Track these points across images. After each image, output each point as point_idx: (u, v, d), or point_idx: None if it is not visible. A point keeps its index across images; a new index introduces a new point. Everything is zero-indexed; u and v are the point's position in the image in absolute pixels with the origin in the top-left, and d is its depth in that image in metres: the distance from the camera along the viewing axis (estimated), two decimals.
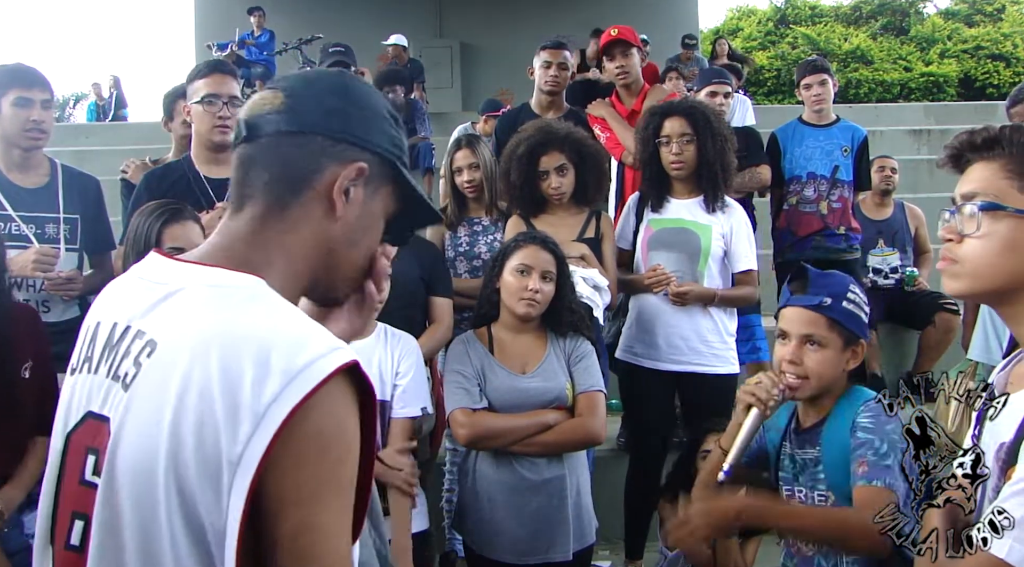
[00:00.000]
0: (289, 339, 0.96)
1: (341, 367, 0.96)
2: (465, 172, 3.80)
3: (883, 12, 23.45)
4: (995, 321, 3.49)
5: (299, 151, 1.09)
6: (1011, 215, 1.39)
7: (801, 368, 2.10)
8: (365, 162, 1.11)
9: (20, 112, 3.13)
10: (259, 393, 0.92)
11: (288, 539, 0.94)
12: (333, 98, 1.12)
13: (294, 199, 1.09)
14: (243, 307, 1.00)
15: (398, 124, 1.19)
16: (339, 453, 0.96)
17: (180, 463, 0.94)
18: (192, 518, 0.94)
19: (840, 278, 2.21)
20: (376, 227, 1.18)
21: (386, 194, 1.17)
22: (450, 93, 13.51)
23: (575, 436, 2.84)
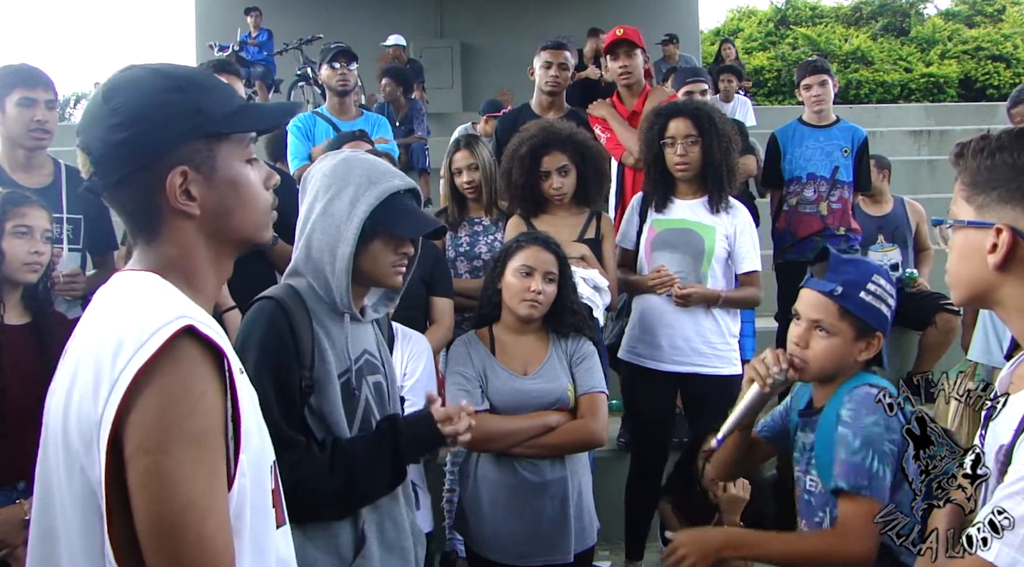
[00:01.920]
0: (143, 317, 1.12)
1: (177, 332, 1.10)
2: (464, 173, 3.80)
3: (883, 13, 23.44)
4: (995, 322, 3.49)
5: (131, 195, 1.23)
6: (958, 227, 1.47)
7: (805, 352, 2.08)
8: (181, 163, 1.21)
9: (24, 112, 3.14)
10: (115, 363, 1.09)
11: (138, 485, 1.08)
12: (115, 133, 1.20)
13: (159, 225, 1.24)
14: (121, 297, 1.20)
15: (183, 90, 1.22)
16: (186, 406, 1.10)
17: (69, 429, 1.14)
18: (81, 471, 1.13)
19: (863, 267, 2.15)
20: (239, 184, 1.28)
21: (225, 153, 1.26)
22: (450, 93, 13.53)
23: (577, 438, 2.83)
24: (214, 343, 1.14)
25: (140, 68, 1.26)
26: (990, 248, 1.40)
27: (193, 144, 1.22)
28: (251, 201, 1.29)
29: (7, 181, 3.17)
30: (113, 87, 1.23)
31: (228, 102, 1.27)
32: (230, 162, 1.26)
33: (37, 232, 2.70)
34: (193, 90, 1.24)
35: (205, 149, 1.23)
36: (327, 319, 1.91)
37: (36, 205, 2.75)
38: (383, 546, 1.93)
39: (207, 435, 1.11)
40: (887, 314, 2.10)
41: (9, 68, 3.20)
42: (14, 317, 2.68)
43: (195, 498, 1.09)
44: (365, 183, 1.90)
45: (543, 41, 4.62)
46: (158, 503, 1.08)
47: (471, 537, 2.89)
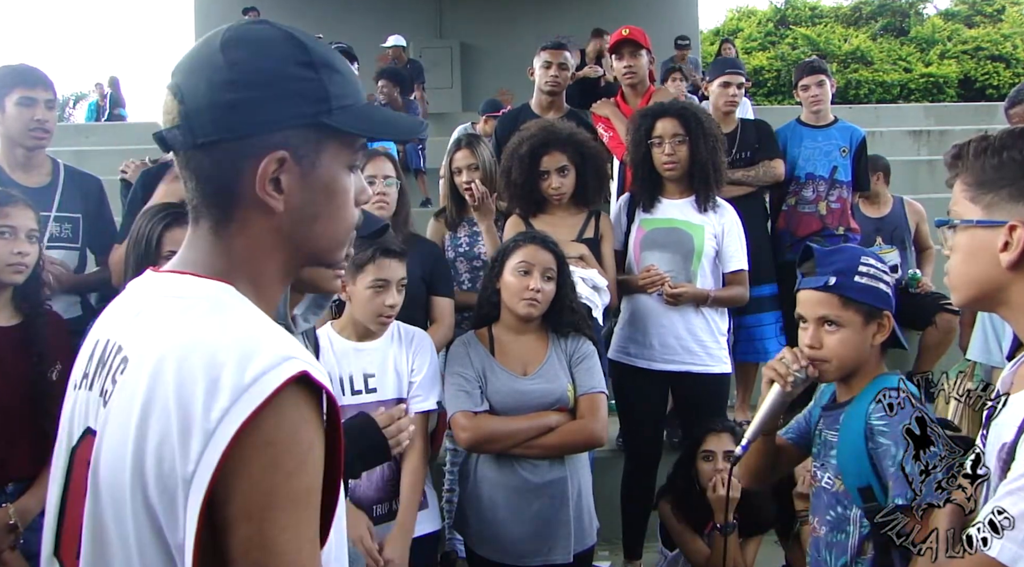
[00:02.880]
0: (239, 353, 0.94)
1: (289, 379, 0.94)
2: (464, 173, 3.79)
3: (883, 13, 23.47)
4: (994, 322, 3.49)
5: (211, 164, 1.04)
6: (964, 227, 1.47)
7: (822, 351, 2.04)
8: (282, 147, 1.04)
9: (24, 112, 3.14)
10: (209, 410, 0.91)
11: (239, 555, 0.93)
12: (222, 92, 1.02)
13: (231, 209, 1.06)
14: (201, 320, 1.00)
15: (315, 66, 1.06)
16: (292, 466, 0.94)
17: (144, 479, 0.95)
18: (158, 533, 0.95)
19: (849, 252, 2.13)
20: (335, 190, 1.10)
21: (332, 152, 1.08)
22: (450, 93, 13.53)
23: (577, 438, 2.83)
24: (324, 389, 0.98)
25: (272, 28, 1.09)
26: (1002, 246, 1.40)
27: (304, 131, 1.05)
28: (339, 212, 1.11)
29: (6, 180, 3.17)
30: (236, 39, 1.06)
31: (356, 96, 1.11)
32: (333, 163, 1.08)
33: (21, 232, 2.67)
34: (325, 71, 1.06)
35: (314, 140, 1.06)
36: None
37: (21, 205, 2.72)
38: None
39: (311, 493, 0.97)
40: (887, 291, 2.08)
41: (8, 68, 3.20)
42: (4, 318, 2.66)
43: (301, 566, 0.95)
44: None
45: (543, 41, 4.62)
46: None
47: (471, 537, 2.89)
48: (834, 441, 2.09)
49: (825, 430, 2.15)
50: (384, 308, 2.66)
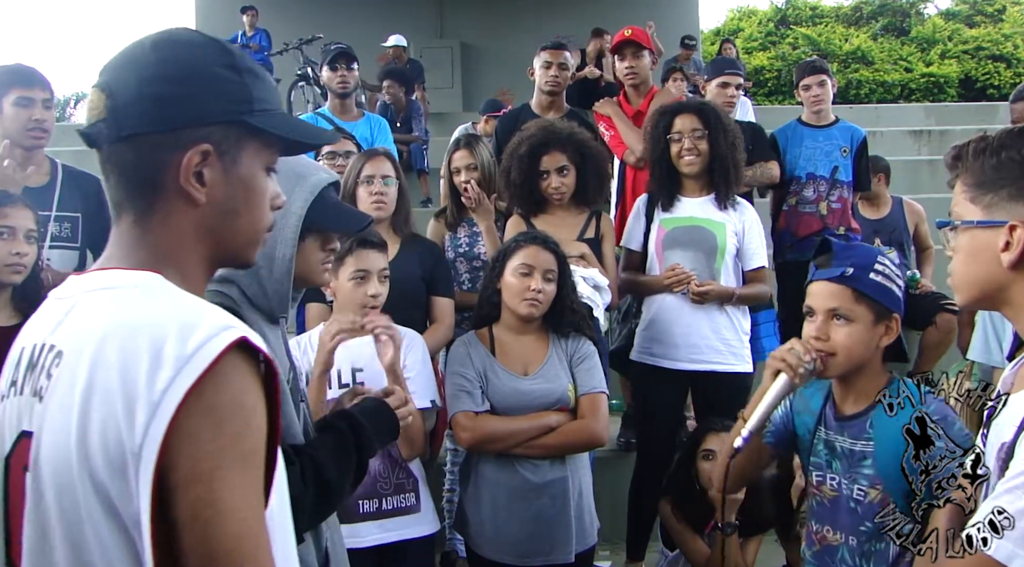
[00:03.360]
0: (180, 326, 0.98)
1: (230, 346, 0.98)
2: (463, 172, 3.79)
3: (884, 13, 23.45)
4: (995, 322, 3.50)
5: (136, 156, 1.08)
6: (965, 228, 1.47)
7: (829, 344, 2.01)
8: (205, 141, 1.09)
9: (22, 112, 3.15)
10: (153, 383, 0.95)
11: (189, 516, 0.96)
12: (150, 86, 1.07)
13: (154, 200, 1.10)
14: (136, 302, 1.03)
15: (239, 71, 1.13)
16: (237, 427, 0.98)
17: (90, 460, 0.97)
18: (111, 510, 0.97)
19: (866, 249, 2.12)
20: (253, 188, 1.16)
21: (252, 151, 1.15)
22: (450, 93, 13.53)
23: (578, 438, 2.83)
24: (264, 354, 1.03)
25: (199, 34, 1.16)
26: (1003, 246, 1.40)
27: (228, 128, 1.11)
28: (257, 211, 1.17)
29: None
30: (166, 40, 1.12)
31: (274, 102, 1.19)
32: (254, 162, 1.15)
33: (19, 232, 2.67)
34: (248, 76, 1.14)
35: (236, 138, 1.12)
36: (261, 326, 1.73)
37: (19, 205, 2.72)
38: (337, 561, 1.91)
39: (256, 454, 1.01)
40: (899, 294, 2.06)
41: (5, 68, 3.20)
42: (3, 318, 2.66)
43: (250, 525, 0.99)
44: (294, 177, 1.73)
45: (543, 41, 4.62)
46: (213, 535, 0.96)
47: (471, 537, 2.89)
48: (864, 451, 2.03)
49: (841, 439, 2.08)
50: (367, 298, 2.64)
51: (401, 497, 2.72)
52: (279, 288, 1.72)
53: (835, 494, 2.09)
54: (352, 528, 2.56)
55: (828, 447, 2.12)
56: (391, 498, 2.71)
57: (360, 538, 2.60)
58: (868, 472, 2.02)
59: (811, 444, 2.17)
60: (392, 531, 2.68)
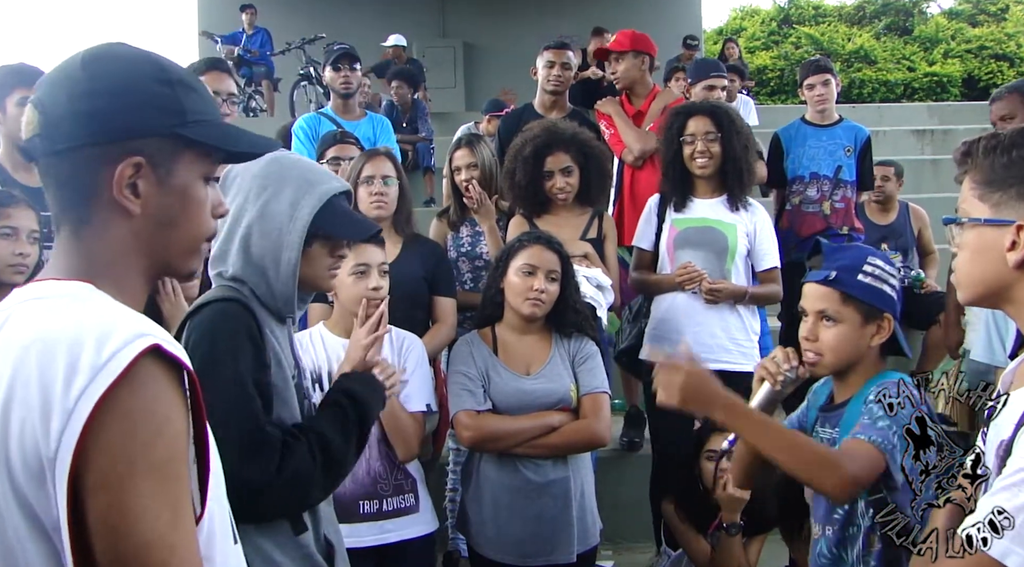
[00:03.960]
0: (96, 335, 0.99)
1: (142, 353, 0.98)
2: (463, 172, 3.80)
3: (887, 12, 23.42)
4: (998, 322, 3.49)
5: (71, 168, 1.10)
6: (972, 225, 1.47)
7: (817, 344, 2.06)
8: (138, 154, 1.10)
9: None
10: (68, 390, 0.96)
11: (99, 523, 0.97)
12: (81, 101, 1.09)
13: (90, 213, 1.12)
14: (59, 312, 1.04)
15: (171, 83, 1.14)
16: (148, 436, 0.98)
17: (10, 466, 0.98)
18: (31, 516, 0.99)
19: (856, 251, 2.15)
20: (190, 198, 1.17)
21: (187, 162, 1.16)
22: (453, 93, 13.53)
23: (580, 438, 2.83)
24: (179, 361, 1.03)
25: (131, 48, 1.17)
26: (1009, 245, 1.40)
27: (159, 141, 1.12)
28: (194, 220, 1.18)
29: (9, 180, 3.17)
30: (96, 56, 1.13)
31: (210, 113, 1.20)
32: (188, 173, 1.16)
33: (23, 233, 2.67)
34: (181, 88, 1.15)
35: (169, 150, 1.13)
36: (273, 325, 1.84)
37: (23, 205, 2.72)
38: (339, 547, 1.93)
39: (172, 463, 1.01)
40: (891, 294, 2.09)
41: (9, 68, 3.20)
42: None
43: (161, 534, 0.99)
44: (304, 185, 1.82)
45: (546, 41, 4.63)
46: (120, 542, 0.97)
47: (473, 537, 2.89)
48: (835, 439, 2.08)
49: (823, 429, 2.15)
50: (368, 292, 2.63)
51: (400, 498, 2.73)
52: (284, 290, 1.80)
53: None
54: (352, 528, 2.57)
55: (818, 438, 2.16)
56: (391, 499, 2.71)
57: (360, 538, 2.60)
58: None
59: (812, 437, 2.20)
60: (392, 532, 2.69)
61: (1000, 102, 3.74)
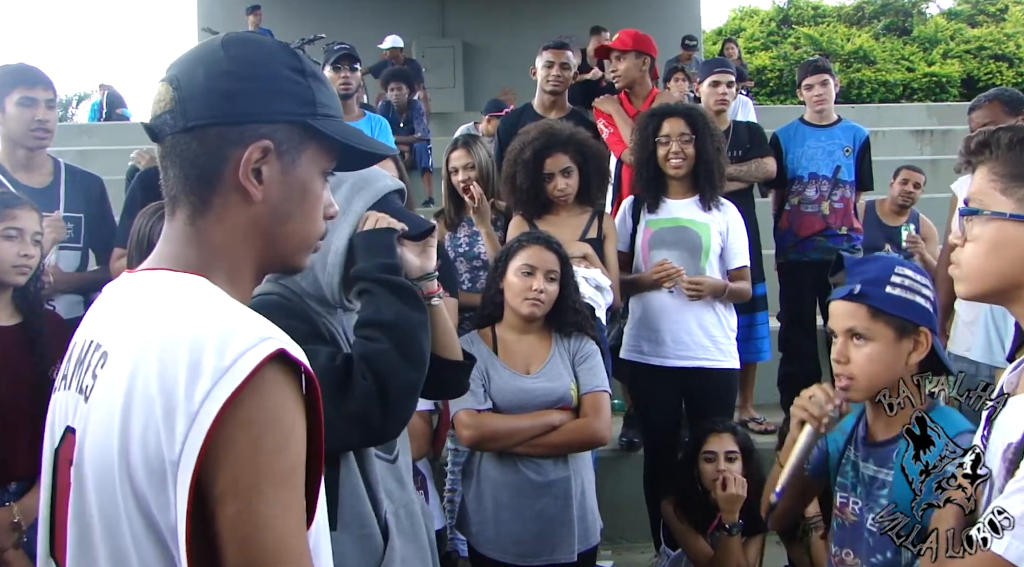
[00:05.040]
0: (218, 337, 0.97)
1: (267, 358, 0.97)
2: (460, 172, 3.80)
3: (886, 12, 23.44)
4: (997, 322, 3.48)
5: (199, 147, 1.09)
6: (993, 218, 1.43)
7: (848, 367, 1.90)
8: (268, 138, 1.10)
9: (25, 112, 3.15)
10: (191, 393, 0.94)
11: (228, 531, 0.95)
12: (219, 81, 1.09)
13: (211, 195, 1.10)
14: (178, 310, 1.03)
15: (305, 74, 1.15)
16: (275, 442, 0.98)
17: (131, 466, 0.97)
18: (149, 518, 0.98)
19: (881, 261, 1.99)
20: (309, 191, 1.16)
21: (311, 155, 1.15)
22: (452, 93, 13.53)
23: (580, 437, 2.83)
24: (303, 366, 1.01)
25: (269, 38, 1.20)
26: None
27: (289, 128, 1.12)
28: (310, 216, 1.18)
29: (8, 180, 3.17)
30: (237, 40, 1.14)
31: (337, 109, 1.20)
32: (311, 166, 1.16)
33: (27, 234, 2.69)
34: (314, 81, 1.16)
35: (298, 139, 1.13)
36: (327, 317, 1.88)
37: (27, 207, 2.74)
38: (402, 536, 1.93)
39: (295, 472, 1.00)
40: (925, 305, 1.91)
41: (8, 68, 3.20)
42: (4, 318, 2.68)
43: (289, 543, 0.98)
44: (360, 182, 1.88)
45: (545, 41, 4.63)
46: (251, 551, 0.96)
47: (473, 536, 2.89)
48: (884, 480, 1.93)
49: (865, 464, 1.98)
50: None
51: None
52: (330, 281, 1.82)
53: (855, 519, 2.00)
54: None
55: (855, 469, 2.01)
56: None
57: None
58: (884, 502, 1.89)
59: (839, 464, 2.08)
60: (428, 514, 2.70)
61: (980, 111, 3.74)
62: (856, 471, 2.00)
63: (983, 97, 3.83)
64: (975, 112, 3.77)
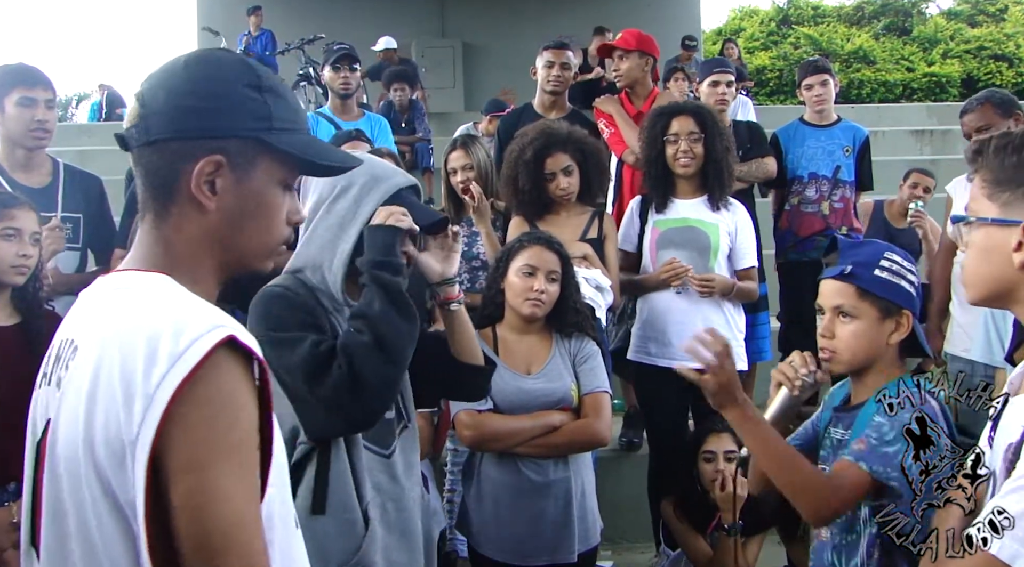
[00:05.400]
0: (174, 326, 1.06)
1: (219, 343, 1.05)
2: (459, 173, 3.80)
3: (886, 12, 23.43)
4: (996, 321, 3.48)
5: (159, 160, 1.18)
6: (980, 224, 1.45)
7: (832, 342, 2.03)
8: (220, 152, 1.17)
9: (24, 112, 3.14)
10: (149, 377, 1.03)
11: (182, 503, 1.03)
12: (178, 98, 1.18)
13: (170, 204, 1.19)
14: (140, 304, 1.12)
15: (262, 90, 1.21)
16: (226, 421, 1.05)
17: (94, 449, 1.05)
18: (111, 496, 1.05)
19: (873, 246, 2.12)
20: (264, 202, 1.23)
21: (266, 167, 1.22)
22: (452, 93, 13.52)
23: (581, 438, 2.83)
24: (252, 352, 1.09)
25: (232, 55, 1.27)
26: (1015, 246, 1.39)
27: (242, 143, 1.19)
28: (267, 224, 1.25)
29: (7, 180, 3.17)
30: (198, 59, 1.22)
31: (297, 122, 1.26)
32: (266, 177, 1.22)
33: (25, 234, 2.69)
34: (271, 96, 1.22)
35: (251, 153, 1.20)
36: (332, 308, 1.95)
37: (26, 207, 2.74)
38: (385, 526, 1.94)
39: (246, 448, 1.08)
40: (909, 290, 2.04)
41: (8, 68, 3.20)
42: (3, 318, 2.68)
43: (242, 516, 1.05)
44: (371, 181, 1.92)
45: (545, 41, 4.63)
46: (205, 523, 1.03)
47: (474, 536, 2.89)
48: (846, 440, 2.05)
49: (835, 430, 2.12)
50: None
51: None
52: (334, 280, 1.91)
53: None
54: None
55: (830, 439, 2.14)
56: None
57: None
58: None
59: (822, 438, 2.18)
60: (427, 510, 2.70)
61: (972, 114, 3.74)
62: (831, 440, 2.13)
63: (974, 100, 3.83)
64: (967, 115, 3.76)
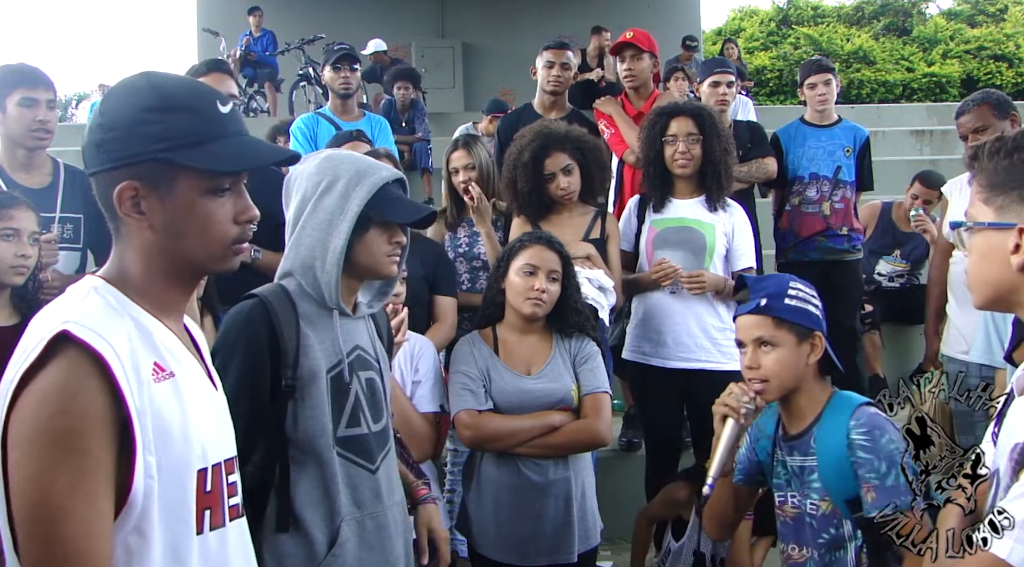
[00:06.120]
0: (46, 322, 1.20)
1: (53, 337, 1.16)
2: (460, 173, 3.80)
3: (885, 13, 23.45)
4: (996, 322, 3.48)
5: (98, 189, 1.30)
6: (977, 229, 1.47)
7: (760, 371, 2.15)
8: (134, 177, 1.26)
9: (26, 112, 3.14)
10: (14, 368, 1.17)
11: (11, 475, 1.14)
12: (93, 132, 1.29)
13: (118, 224, 1.31)
14: (56, 305, 1.27)
15: (164, 110, 1.27)
16: (54, 407, 1.14)
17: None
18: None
19: (777, 278, 2.29)
20: (194, 212, 1.30)
21: (186, 181, 1.29)
22: (452, 93, 13.51)
23: (581, 438, 2.83)
24: (88, 347, 1.16)
25: (142, 78, 1.32)
26: (1013, 248, 1.40)
27: (153, 165, 1.26)
28: (205, 232, 1.31)
29: (7, 181, 3.17)
30: (111, 92, 1.32)
31: (207, 132, 1.30)
32: (190, 190, 1.29)
33: (24, 235, 2.68)
34: (176, 114, 1.28)
35: (165, 172, 1.27)
36: (315, 317, 1.92)
37: (24, 207, 2.73)
38: (363, 545, 1.93)
39: (76, 436, 1.14)
40: (817, 313, 2.20)
41: (9, 68, 3.19)
42: (3, 318, 2.67)
43: (49, 497, 1.13)
44: (355, 176, 1.91)
45: (545, 41, 4.63)
46: (17, 497, 1.14)
47: (474, 537, 2.89)
48: (811, 465, 2.15)
49: (791, 458, 2.21)
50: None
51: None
52: (328, 279, 1.88)
53: (796, 511, 2.22)
54: None
55: (784, 467, 2.24)
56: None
57: None
58: (816, 485, 2.16)
59: (772, 467, 2.27)
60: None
61: (968, 115, 3.72)
62: (785, 467, 2.23)
63: (970, 101, 3.82)
64: (963, 116, 3.75)
